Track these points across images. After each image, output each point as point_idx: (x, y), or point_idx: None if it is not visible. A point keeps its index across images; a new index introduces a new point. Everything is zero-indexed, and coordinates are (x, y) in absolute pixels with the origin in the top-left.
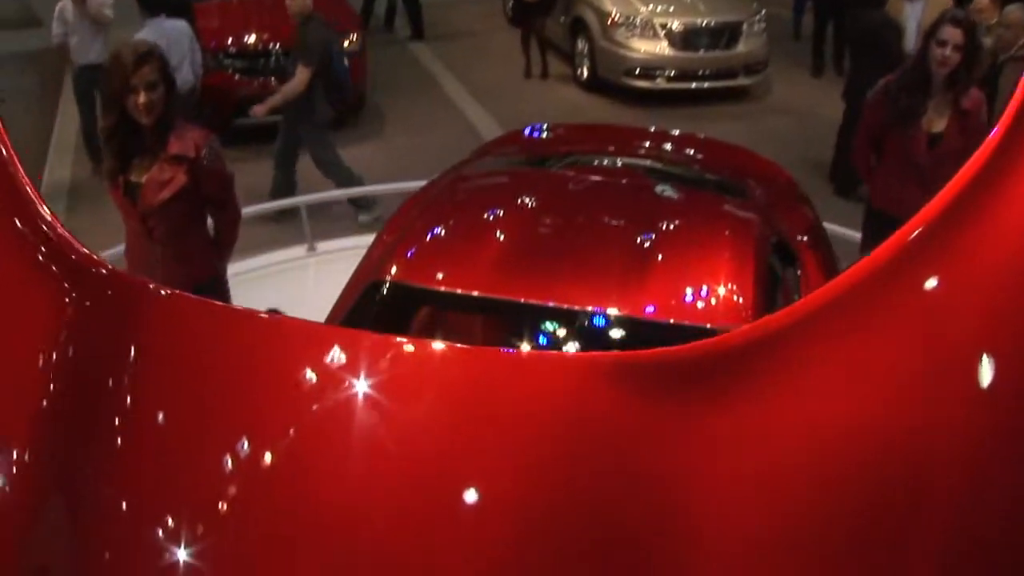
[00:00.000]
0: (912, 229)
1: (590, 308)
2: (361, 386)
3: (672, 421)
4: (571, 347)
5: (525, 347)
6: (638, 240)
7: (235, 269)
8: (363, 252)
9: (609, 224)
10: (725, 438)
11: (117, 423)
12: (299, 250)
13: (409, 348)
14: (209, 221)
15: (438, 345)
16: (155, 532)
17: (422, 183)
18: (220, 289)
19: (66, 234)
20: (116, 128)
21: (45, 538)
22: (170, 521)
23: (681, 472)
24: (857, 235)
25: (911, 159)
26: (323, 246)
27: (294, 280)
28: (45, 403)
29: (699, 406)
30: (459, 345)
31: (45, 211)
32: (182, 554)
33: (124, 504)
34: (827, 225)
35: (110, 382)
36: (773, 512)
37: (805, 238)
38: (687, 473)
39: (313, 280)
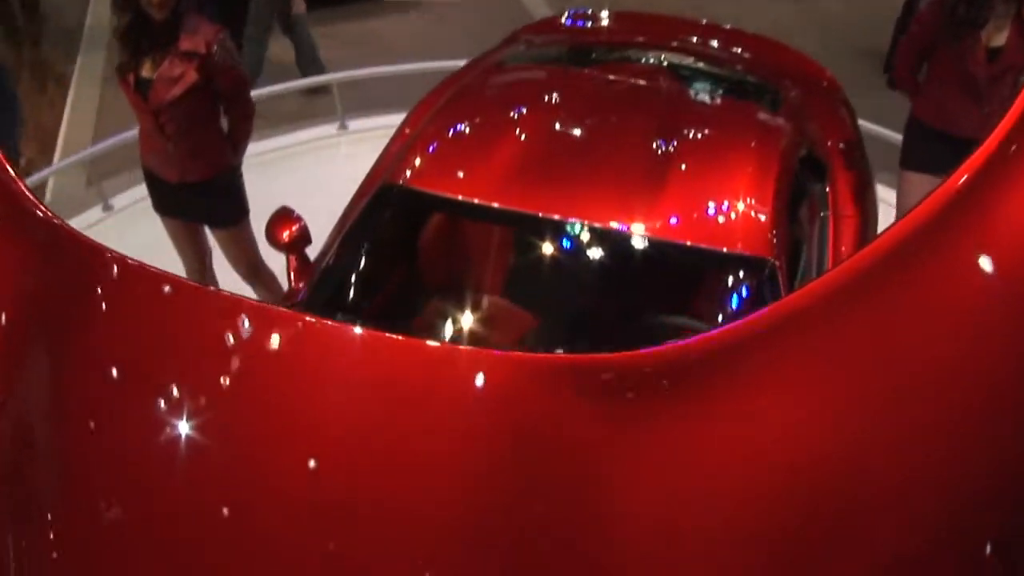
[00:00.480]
0: (874, 250)
1: (603, 225)
2: (294, 370)
3: (612, 427)
4: (581, 262)
5: (546, 249)
6: (660, 153)
7: (265, 147)
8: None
9: (631, 134)
10: (663, 448)
11: (62, 379)
12: (330, 128)
13: (353, 335)
14: (223, 116)
15: (381, 335)
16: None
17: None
18: (234, 183)
19: (29, 195)
20: (130, 25)
21: None
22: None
23: (617, 478)
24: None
25: (967, 73)
26: (355, 124)
27: (324, 159)
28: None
29: (640, 414)
30: (401, 337)
31: (9, 171)
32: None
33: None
34: (871, 127)
35: (60, 341)
36: (701, 524)
37: (839, 150)
38: (623, 479)
39: (344, 159)
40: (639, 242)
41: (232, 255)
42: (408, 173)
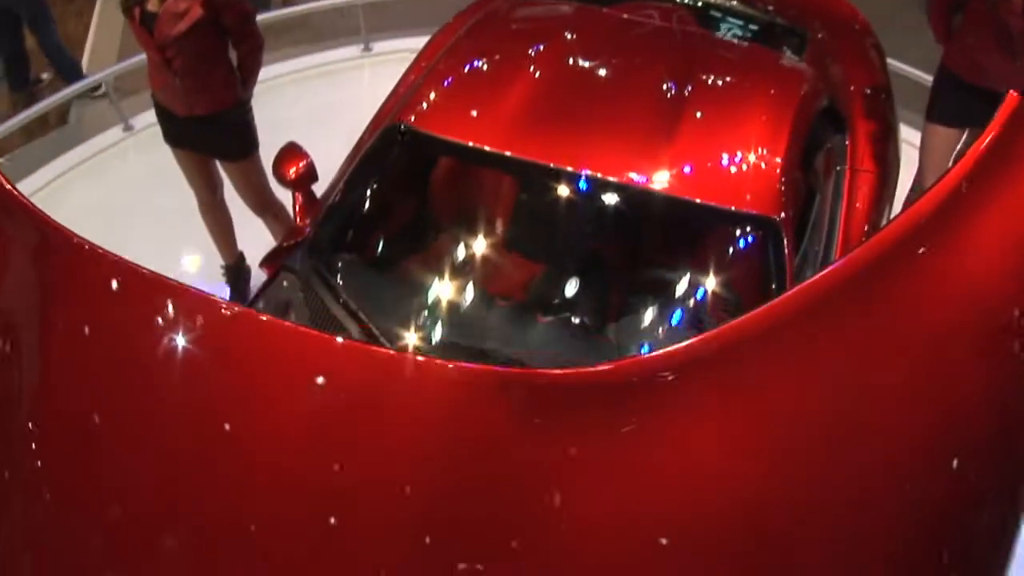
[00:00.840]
0: (819, 283)
1: (607, 177)
2: (249, 368)
3: (549, 442)
4: (582, 213)
5: (547, 199)
6: (673, 103)
7: (288, 68)
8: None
9: (647, 82)
10: (594, 466)
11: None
12: (354, 50)
13: (294, 333)
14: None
15: (339, 340)
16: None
17: None
18: (242, 117)
19: None
20: None
21: None
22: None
23: (546, 491)
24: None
25: (1001, 24)
26: (379, 46)
27: (348, 81)
28: None
29: (577, 431)
30: (354, 342)
31: None
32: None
33: None
34: (904, 68)
35: (19, 318)
36: (621, 545)
37: (864, 98)
38: (561, 488)
39: (368, 81)
40: (642, 196)
41: (241, 188)
42: (416, 112)
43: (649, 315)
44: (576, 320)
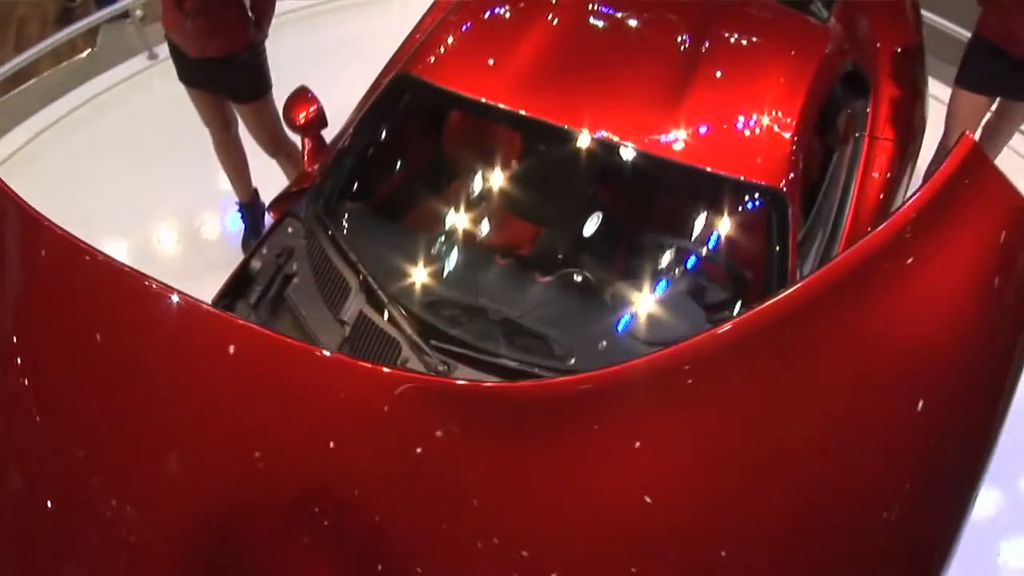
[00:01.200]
0: (749, 321)
1: (613, 138)
2: (188, 357)
3: (471, 450)
4: (582, 175)
5: (550, 158)
6: (688, 65)
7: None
8: None
9: (662, 38)
10: (508, 481)
11: None
12: None
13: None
14: None
15: (281, 338)
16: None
17: None
18: (255, 59)
19: None
20: None
21: None
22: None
23: (488, 494)
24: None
25: None
26: None
27: (375, 15)
28: None
29: (493, 442)
30: (299, 343)
31: None
32: None
33: None
34: (943, 24)
35: None
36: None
37: (892, 60)
38: (477, 501)
39: (397, 17)
40: (646, 160)
41: (254, 129)
42: (425, 63)
43: (647, 280)
44: (576, 279)
